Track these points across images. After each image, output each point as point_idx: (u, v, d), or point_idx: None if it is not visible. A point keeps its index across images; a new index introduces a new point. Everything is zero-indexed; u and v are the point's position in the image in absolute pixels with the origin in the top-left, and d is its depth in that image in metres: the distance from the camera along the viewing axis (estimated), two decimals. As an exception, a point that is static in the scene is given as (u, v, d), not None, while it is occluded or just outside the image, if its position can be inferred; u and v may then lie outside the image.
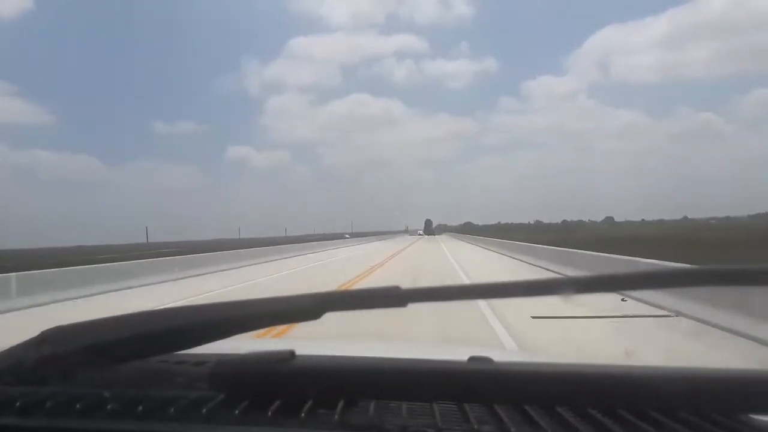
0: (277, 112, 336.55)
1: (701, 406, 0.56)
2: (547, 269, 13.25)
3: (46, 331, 0.65)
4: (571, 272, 10.30)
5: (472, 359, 0.71)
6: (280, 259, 22.02)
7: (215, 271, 15.66)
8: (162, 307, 0.71)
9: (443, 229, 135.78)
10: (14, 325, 7.64)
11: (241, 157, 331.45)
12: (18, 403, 0.58)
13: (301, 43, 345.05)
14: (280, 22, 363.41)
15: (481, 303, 6.88)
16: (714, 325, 5.62)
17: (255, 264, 18.92)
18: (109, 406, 0.58)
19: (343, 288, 9.80)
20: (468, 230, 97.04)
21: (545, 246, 17.36)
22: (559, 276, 0.65)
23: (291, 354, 0.60)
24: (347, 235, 76.56)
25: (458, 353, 0.96)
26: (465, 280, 10.75)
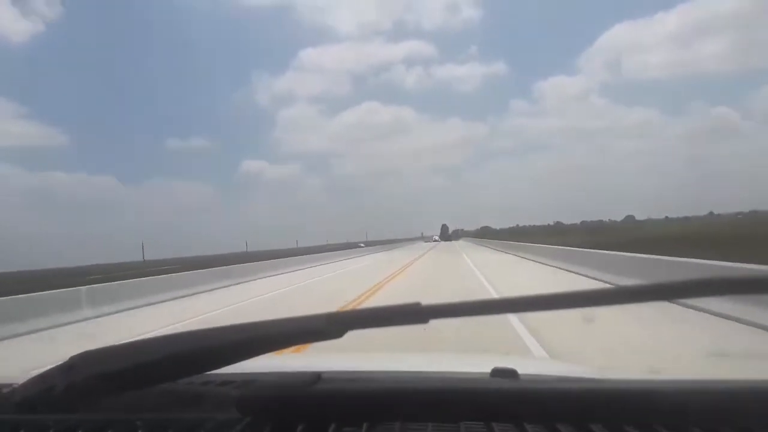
0: (288, 124, 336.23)
1: (743, 421, 0.54)
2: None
3: (74, 356, 0.67)
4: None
5: (495, 371, 0.74)
6: (255, 279, 17.81)
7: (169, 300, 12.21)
8: (186, 330, 0.71)
9: (460, 234, 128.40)
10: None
11: (255, 171, 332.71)
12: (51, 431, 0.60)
13: (309, 54, 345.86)
14: (288, 34, 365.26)
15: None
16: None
17: (228, 286, 15.35)
18: None
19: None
20: (486, 234, 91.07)
21: (592, 250, 13.75)
22: (582, 289, 0.57)
23: (316, 377, 0.63)
24: (362, 245, 74.84)
25: (481, 364, 0.95)
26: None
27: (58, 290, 9.97)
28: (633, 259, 9.93)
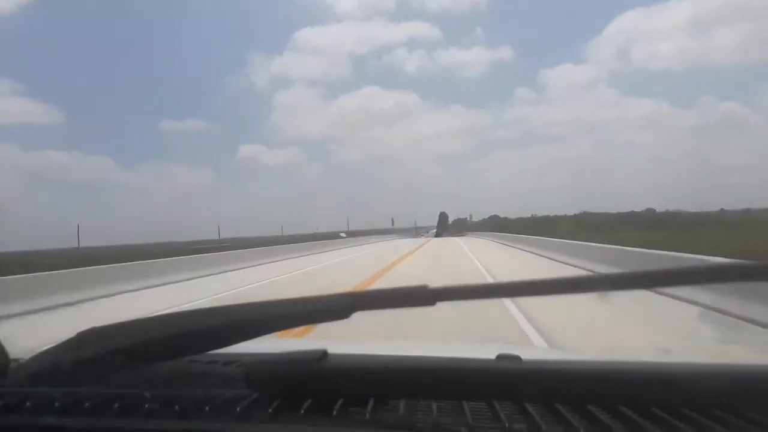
0: (286, 107, 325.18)
1: (737, 403, 0.59)
2: None
3: (81, 332, 0.71)
4: None
5: (500, 357, 0.78)
6: None
7: None
8: (193, 308, 0.76)
9: (465, 226, 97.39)
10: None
11: (250, 155, 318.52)
12: (57, 404, 0.63)
13: (308, 34, 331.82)
14: (286, 12, 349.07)
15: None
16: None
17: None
18: (146, 406, 0.63)
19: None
20: (498, 226, 67.30)
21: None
22: (589, 273, 0.64)
23: (323, 353, 0.65)
24: (343, 234, 69.22)
25: (486, 351, 1.01)
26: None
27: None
28: None
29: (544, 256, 19.03)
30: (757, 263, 0.58)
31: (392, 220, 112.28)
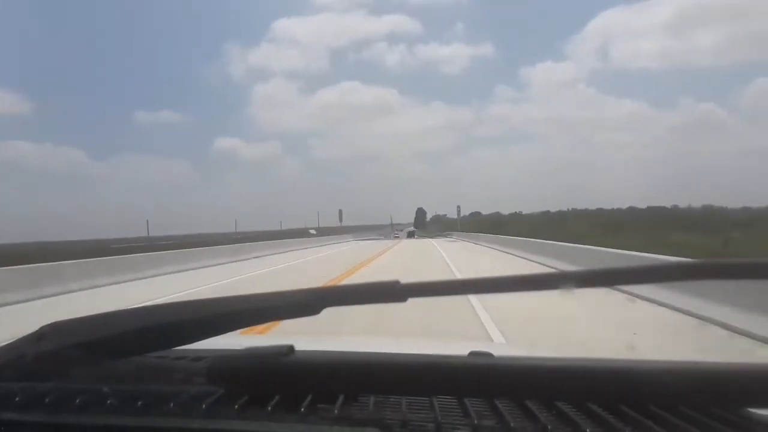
0: (264, 101, 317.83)
1: (701, 400, 0.62)
2: None
3: (44, 326, 0.72)
4: None
5: (472, 354, 0.80)
6: None
7: None
8: (159, 303, 0.78)
9: (445, 224, 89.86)
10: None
11: (226, 149, 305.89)
12: (17, 398, 0.64)
13: (286, 25, 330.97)
14: (264, 1, 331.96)
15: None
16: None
17: None
18: (108, 402, 0.64)
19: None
20: (489, 225, 49.08)
21: None
22: (558, 270, 0.75)
23: (290, 349, 0.67)
24: (313, 231, 65.71)
25: (458, 348, 1.02)
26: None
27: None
28: None
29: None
30: (706, 261, 0.62)
31: (340, 213, 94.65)
